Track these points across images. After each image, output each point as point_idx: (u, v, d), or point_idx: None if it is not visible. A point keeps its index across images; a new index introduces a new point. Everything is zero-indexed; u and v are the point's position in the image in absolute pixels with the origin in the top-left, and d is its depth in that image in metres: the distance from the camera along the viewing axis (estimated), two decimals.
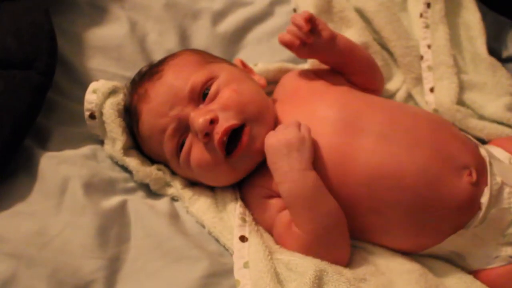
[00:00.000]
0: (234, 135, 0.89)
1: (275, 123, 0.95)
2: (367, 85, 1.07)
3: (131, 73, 1.09)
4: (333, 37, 1.00)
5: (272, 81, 1.12)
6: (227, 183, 0.95)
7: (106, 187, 0.93)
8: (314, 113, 0.94)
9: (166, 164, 0.98)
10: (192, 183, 0.98)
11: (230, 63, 1.05)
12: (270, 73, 1.13)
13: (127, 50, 1.15)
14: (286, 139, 0.86)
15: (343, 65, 1.05)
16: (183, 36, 1.22)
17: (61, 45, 1.06)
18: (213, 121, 0.87)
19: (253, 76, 1.04)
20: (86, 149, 0.98)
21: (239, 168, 0.92)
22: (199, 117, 0.87)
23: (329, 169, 0.89)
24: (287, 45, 0.99)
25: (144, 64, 1.10)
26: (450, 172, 0.89)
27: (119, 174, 0.97)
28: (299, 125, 0.88)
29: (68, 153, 0.96)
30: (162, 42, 1.19)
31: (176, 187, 0.97)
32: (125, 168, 0.97)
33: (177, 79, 0.92)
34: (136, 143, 1.00)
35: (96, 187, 0.91)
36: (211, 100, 0.91)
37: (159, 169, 0.98)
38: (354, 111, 0.93)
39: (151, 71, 0.97)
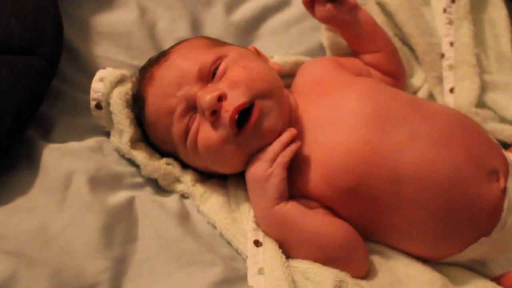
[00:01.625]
0: (242, 116, 0.85)
1: (296, 114, 0.93)
2: (386, 68, 1.06)
3: (139, 62, 1.06)
4: (356, 7, 1.01)
5: (289, 75, 1.07)
6: (235, 167, 0.90)
7: (112, 182, 0.90)
8: (343, 104, 0.90)
9: (175, 158, 0.95)
10: (203, 179, 0.95)
11: (242, 47, 1.01)
12: (286, 65, 1.09)
13: (135, 38, 1.12)
14: (254, 174, 0.85)
15: (362, 40, 1.05)
16: (195, 24, 1.18)
17: (67, 31, 1.02)
18: (221, 99, 0.84)
19: (267, 62, 1.00)
20: (92, 141, 0.95)
21: (248, 148, 0.87)
22: (206, 95, 0.84)
23: (355, 166, 0.85)
24: (306, 1, 1.00)
25: (153, 53, 1.07)
26: (481, 176, 0.85)
27: (126, 168, 0.94)
28: (273, 158, 0.85)
29: (73, 145, 0.93)
30: (172, 30, 1.15)
31: (187, 183, 0.93)
32: (132, 162, 0.94)
33: (184, 60, 0.90)
34: (145, 135, 0.97)
35: (101, 182, 0.89)
36: (219, 79, 0.88)
37: (168, 164, 0.95)
38: (386, 105, 0.90)
39: (158, 56, 0.96)
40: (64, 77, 1.02)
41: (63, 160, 0.89)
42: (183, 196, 0.94)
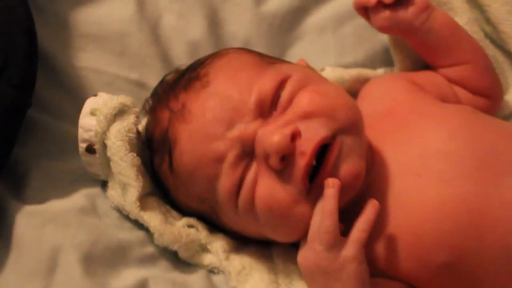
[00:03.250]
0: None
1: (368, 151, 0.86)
2: (476, 85, 0.99)
3: (138, 75, 1.02)
4: (427, 7, 0.95)
5: None
6: (304, 235, 0.81)
7: (114, 257, 0.82)
8: (430, 145, 0.84)
9: (200, 217, 0.88)
10: (238, 246, 0.87)
11: (295, 64, 0.93)
12: (345, 83, 1.02)
13: (133, 41, 1.04)
14: (315, 262, 0.77)
15: (439, 51, 0.99)
16: (213, 20, 1.08)
17: (40, 34, 0.94)
18: (294, 137, 0.75)
19: None
20: (81, 197, 0.87)
21: None
22: (272, 134, 0.75)
23: (453, 233, 0.78)
24: (359, 6, 0.95)
25: (157, 61, 1.03)
26: None
27: (131, 234, 0.86)
28: (342, 239, 0.76)
29: (56, 205, 0.85)
30: (183, 29, 1.06)
31: (217, 255, 0.85)
32: (139, 224, 0.86)
33: (234, 86, 0.81)
34: (158, 184, 0.89)
35: (100, 260, 0.81)
36: (285, 109, 0.79)
37: (190, 226, 0.87)
38: (488, 144, 0.83)
39: (187, 78, 0.85)
40: (38, 100, 0.93)
41: (45, 230, 0.81)
42: (212, 271, 0.87)
